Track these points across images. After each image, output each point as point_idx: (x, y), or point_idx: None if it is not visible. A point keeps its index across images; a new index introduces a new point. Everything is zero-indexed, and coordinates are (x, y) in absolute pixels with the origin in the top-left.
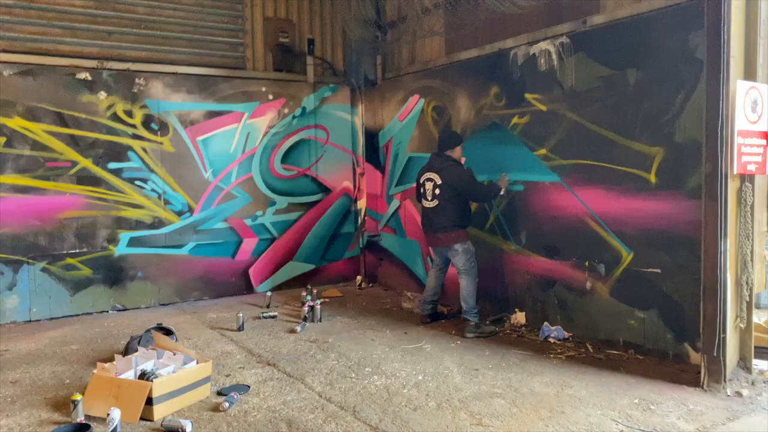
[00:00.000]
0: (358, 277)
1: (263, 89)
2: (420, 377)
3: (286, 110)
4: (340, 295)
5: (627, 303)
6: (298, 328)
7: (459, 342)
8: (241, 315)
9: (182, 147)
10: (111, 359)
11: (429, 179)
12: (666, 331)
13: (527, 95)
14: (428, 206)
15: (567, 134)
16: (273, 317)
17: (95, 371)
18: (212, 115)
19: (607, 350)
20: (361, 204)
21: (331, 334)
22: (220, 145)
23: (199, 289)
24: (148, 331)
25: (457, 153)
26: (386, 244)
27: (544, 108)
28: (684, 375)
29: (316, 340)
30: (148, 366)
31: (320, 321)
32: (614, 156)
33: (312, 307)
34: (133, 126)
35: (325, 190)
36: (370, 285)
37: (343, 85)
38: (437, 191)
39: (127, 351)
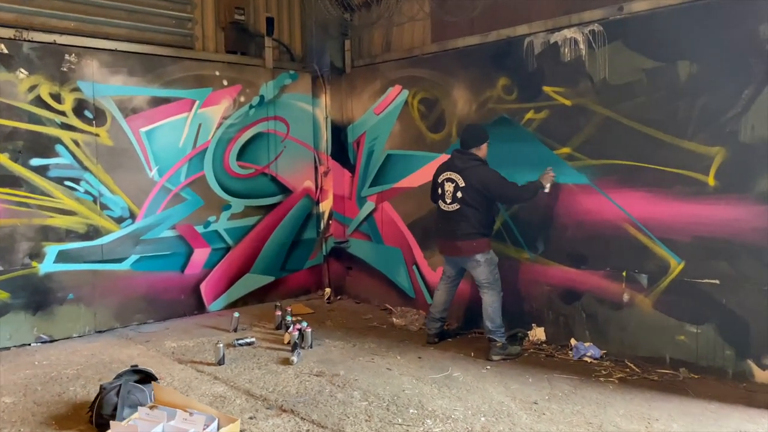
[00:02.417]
0: (327, 290)
1: (217, 73)
2: (482, 419)
3: (242, 98)
4: (311, 311)
5: (675, 317)
6: (294, 358)
7: (489, 367)
8: (221, 345)
9: (122, 140)
10: (70, 417)
11: (449, 180)
12: (725, 348)
13: (546, 88)
14: (447, 210)
15: (598, 132)
16: (250, 344)
17: None
18: (158, 102)
19: (653, 369)
20: (325, 206)
21: (334, 364)
22: (168, 138)
23: (143, 310)
24: (119, 376)
25: (483, 151)
26: (357, 251)
27: (567, 102)
28: (759, 396)
29: (322, 373)
30: None
31: (311, 347)
32: (660, 156)
33: (301, 331)
34: (62, 113)
35: (285, 191)
36: (338, 297)
37: (304, 72)
38: (459, 194)
39: (100, 407)
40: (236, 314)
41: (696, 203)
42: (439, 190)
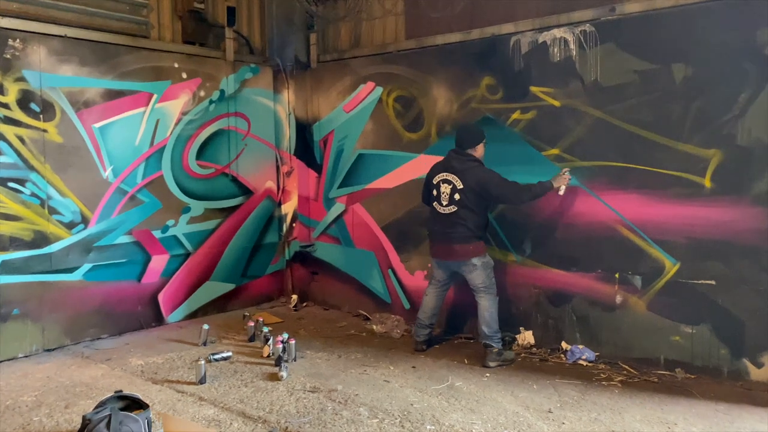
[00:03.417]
0: (294, 297)
1: (175, 65)
2: None
3: (202, 93)
4: (279, 320)
5: (671, 318)
6: (283, 373)
7: (488, 375)
8: (202, 362)
9: (73, 136)
10: None
11: (446, 181)
12: (720, 347)
13: (533, 88)
14: (443, 212)
15: (588, 133)
16: (227, 359)
17: None
18: (113, 95)
19: (649, 370)
20: (287, 208)
21: (327, 378)
22: (123, 135)
23: (97, 324)
24: (102, 404)
25: (479, 151)
26: (324, 255)
27: (556, 103)
28: (759, 395)
29: (317, 389)
30: None
31: (294, 360)
32: (654, 158)
33: (284, 344)
34: (5, 106)
35: (246, 192)
36: (304, 304)
37: (265, 66)
38: (456, 196)
39: None
40: (205, 326)
41: (692, 205)
42: (434, 192)
